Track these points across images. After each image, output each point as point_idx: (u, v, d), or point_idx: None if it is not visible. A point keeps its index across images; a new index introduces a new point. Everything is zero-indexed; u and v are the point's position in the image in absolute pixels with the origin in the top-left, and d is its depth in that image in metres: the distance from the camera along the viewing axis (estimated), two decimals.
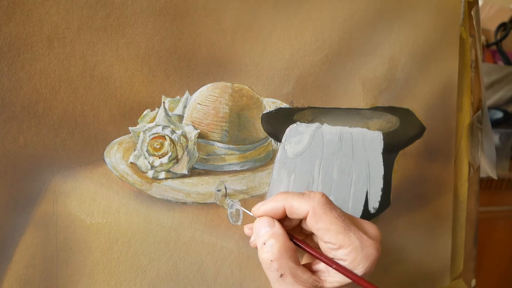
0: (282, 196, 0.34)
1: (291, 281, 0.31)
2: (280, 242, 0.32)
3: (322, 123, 0.43)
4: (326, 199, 0.33)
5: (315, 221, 0.32)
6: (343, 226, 0.31)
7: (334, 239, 0.31)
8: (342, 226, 0.31)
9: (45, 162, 0.34)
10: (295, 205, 0.33)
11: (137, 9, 0.36)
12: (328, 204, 0.32)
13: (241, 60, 0.40)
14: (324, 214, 0.32)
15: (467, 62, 0.52)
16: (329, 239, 0.32)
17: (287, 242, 0.33)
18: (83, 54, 0.35)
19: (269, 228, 0.33)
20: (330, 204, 0.33)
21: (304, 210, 0.32)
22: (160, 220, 0.38)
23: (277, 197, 0.34)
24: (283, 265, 0.31)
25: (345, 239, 0.31)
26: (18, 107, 0.33)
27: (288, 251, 0.32)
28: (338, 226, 0.31)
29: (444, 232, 0.51)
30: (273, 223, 0.34)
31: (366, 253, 0.31)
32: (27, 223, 0.34)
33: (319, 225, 0.32)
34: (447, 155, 0.51)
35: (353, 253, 0.31)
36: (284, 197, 0.34)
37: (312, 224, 0.32)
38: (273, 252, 0.32)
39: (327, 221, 0.32)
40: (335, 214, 0.32)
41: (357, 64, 0.45)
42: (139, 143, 0.37)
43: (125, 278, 0.37)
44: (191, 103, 0.39)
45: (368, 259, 0.31)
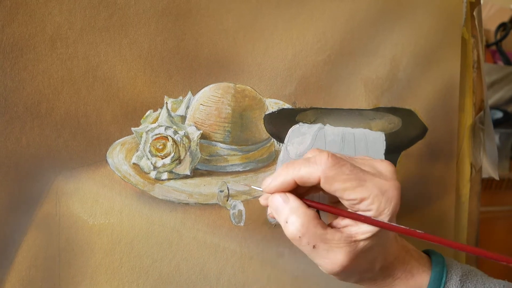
0: (289, 168, 0.33)
1: (324, 248, 0.31)
2: (300, 216, 0.32)
3: (324, 123, 0.43)
4: (332, 159, 0.31)
5: (329, 185, 0.31)
6: (357, 179, 0.31)
7: (353, 195, 0.31)
8: (357, 179, 0.31)
9: (47, 162, 0.34)
10: (305, 174, 0.32)
11: (139, 9, 0.36)
12: (336, 164, 0.31)
13: (244, 61, 0.40)
14: (336, 175, 0.31)
15: (469, 62, 0.52)
16: (349, 196, 0.31)
17: (308, 211, 0.32)
18: (86, 55, 0.34)
19: (285, 204, 0.33)
20: (339, 162, 0.31)
21: (315, 177, 0.31)
22: (163, 221, 0.38)
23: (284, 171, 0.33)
24: (312, 237, 0.31)
25: (364, 191, 0.31)
26: (21, 107, 0.33)
27: (311, 221, 0.32)
28: (353, 182, 0.31)
29: (446, 232, 0.51)
30: (287, 198, 0.33)
31: (388, 196, 0.31)
32: (29, 224, 0.34)
33: (334, 187, 0.31)
34: (449, 155, 0.51)
35: (376, 202, 0.31)
36: (291, 170, 0.33)
37: (328, 188, 0.32)
38: (298, 228, 0.31)
39: (341, 181, 0.31)
40: (346, 172, 0.31)
41: (359, 64, 0.45)
42: (142, 144, 0.37)
43: (127, 279, 0.37)
44: (193, 104, 0.39)
45: (391, 201, 0.31)
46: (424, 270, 0.35)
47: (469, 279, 0.35)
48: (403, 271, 0.35)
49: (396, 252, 0.35)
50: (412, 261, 0.35)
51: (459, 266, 0.36)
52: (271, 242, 0.41)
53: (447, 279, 0.34)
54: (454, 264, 0.36)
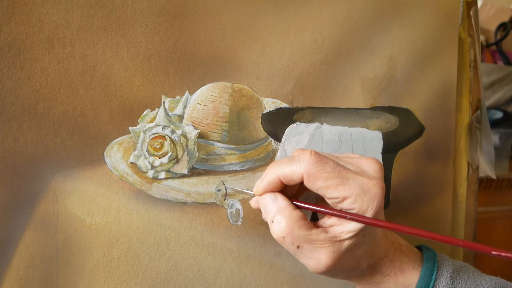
0: (273, 168, 0.33)
1: (309, 248, 0.31)
2: (286, 216, 0.32)
3: (321, 123, 0.43)
4: (315, 156, 0.32)
5: (311, 183, 0.32)
6: (339, 177, 0.31)
7: (335, 193, 0.31)
8: (339, 178, 0.31)
9: (45, 162, 0.34)
10: (288, 172, 0.32)
11: (137, 9, 0.36)
12: (319, 162, 0.32)
13: (241, 60, 0.40)
14: (318, 173, 0.31)
15: (466, 62, 0.52)
16: (331, 195, 0.31)
17: (293, 212, 0.32)
18: (83, 54, 0.35)
19: (273, 204, 0.33)
20: (321, 160, 0.32)
21: (298, 175, 0.32)
22: (160, 220, 0.38)
23: (269, 171, 0.34)
24: (295, 237, 0.31)
25: (346, 190, 0.31)
26: (18, 107, 0.33)
27: (296, 222, 0.32)
28: (335, 180, 0.31)
29: (443, 232, 0.51)
30: (276, 197, 0.33)
31: (370, 195, 0.31)
32: (27, 223, 0.34)
33: (316, 185, 0.31)
34: (446, 154, 0.51)
35: (359, 200, 0.31)
36: (275, 168, 0.33)
37: (310, 186, 0.32)
38: (282, 229, 0.32)
39: (323, 178, 0.31)
40: (328, 169, 0.31)
41: (357, 64, 0.45)
42: (139, 143, 0.37)
43: (125, 278, 0.37)
44: (191, 103, 0.39)
45: (374, 199, 0.31)
46: (414, 267, 0.35)
47: (460, 275, 0.35)
48: (392, 268, 0.35)
49: (385, 249, 0.35)
50: (403, 257, 0.35)
51: (450, 262, 0.36)
52: (268, 241, 0.41)
53: (438, 275, 0.34)
54: (445, 260, 0.36)
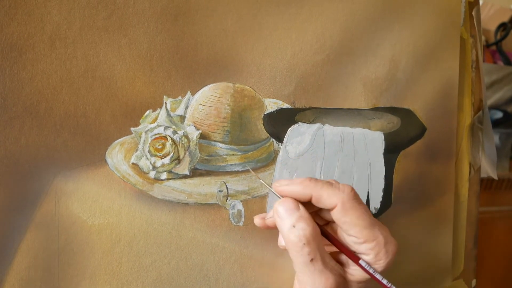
0: (312, 183, 0.33)
1: (320, 266, 0.31)
2: (311, 225, 0.32)
3: (323, 123, 0.43)
4: (355, 193, 0.32)
5: (342, 215, 0.32)
6: (369, 221, 0.32)
7: (360, 233, 0.31)
8: (369, 221, 0.32)
9: (46, 162, 0.34)
10: (324, 196, 0.32)
11: (139, 9, 0.36)
12: (356, 199, 0.32)
13: (243, 61, 0.40)
14: (353, 208, 0.32)
15: (468, 62, 0.52)
16: (355, 233, 0.32)
17: (316, 226, 0.32)
18: (85, 55, 0.34)
19: (296, 211, 0.32)
20: (358, 199, 0.32)
21: (333, 202, 0.32)
22: (162, 220, 0.38)
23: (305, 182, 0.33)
24: (314, 249, 0.31)
25: (370, 235, 0.31)
26: (20, 107, 0.33)
27: (318, 236, 0.32)
28: (365, 222, 0.31)
29: (445, 232, 0.51)
30: (298, 206, 0.33)
31: (388, 249, 0.32)
32: (29, 224, 0.34)
33: (346, 218, 0.32)
34: (448, 155, 0.51)
35: (377, 248, 0.31)
36: (313, 185, 0.33)
37: (339, 217, 0.32)
38: (306, 235, 0.31)
39: (355, 215, 0.31)
40: (362, 210, 0.32)
41: (358, 64, 0.45)
42: (141, 144, 0.37)
43: (127, 279, 0.37)
44: (193, 104, 0.39)
45: (389, 254, 0.32)
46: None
47: None
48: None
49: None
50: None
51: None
52: (270, 242, 0.41)
53: None
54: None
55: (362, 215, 0.32)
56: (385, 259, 0.32)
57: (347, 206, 0.32)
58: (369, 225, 0.32)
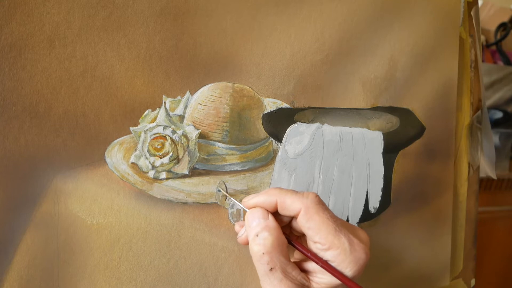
0: (276, 191, 0.33)
1: (280, 276, 0.31)
2: (273, 235, 0.32)
3: (322, 123, 0.43)
4: (319, 199, 0.33)
5: (306, 220, 0.32)
6: (334, 227, 0.31)
7: (324, 239, 0.31)
8: (333, 227, 0.31)
9: (46, 162, 0.34)
10: (288, 201, 0.32)
11: (138, 9, 0.36)
12: (321, 204, 0.32)
13: (242, 60, 0.40)
14: (316, 213, 0.32)
15: (466, 62, 0.52)
16: (319, 239, 0.31)
17: (280, 236, 0.32)
18: (84, 54, 0.35)
19: (263, 220, 0.33)
20: (323, 205, 0.32)
21: (297, 208, 0.32)
22: (161, 220, 0.38)
23: (270, 191, 0.34)
24: (274, 259, 0.31)
25: (335, 241, 0.31)
26: (19, 107, 0.33)
27: (280, 245, 0.32)
28: (329, 227, 0.31)
29: (444, 232, 0.51)
30: (267, 215, 0.33)
31: (355, 256, 0.31)
32: (28, 224, 0.34)
33: (310, 224, 0.32)
34: (446, 155, 0.51)
35: (342, 255, 0.31)
36: (278, 192, 0.33)
37: (303, 223, 0.32)
38: (266, 245, 0.31)
39: (319, 220, 0.31)
40: (327, 215, 0.32)
41: (357, 64, 0.45)
42: (140, 143, 0.37)
43: (126, 278, 0.37)
44: (192, 103, 0.39)
45: (356, 262, 0.31)
46: None
47: None
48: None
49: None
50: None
51: None
52: None
53: None
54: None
55: (327, 220, 0.31)
56: (352, 267, 0.31)
57: (311, 211, 0.32)
58: (334, 231, 0.31)
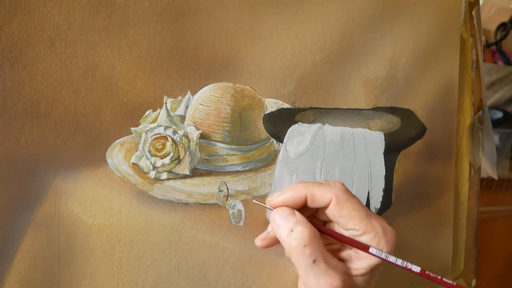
0: (302, 185, 0.33)
1: (324, 266, 0.31)
2: (307, 227, 0.32)
3: (323, 123, 0.43)
4: (345, 187, 0.33)
5: (338, 209, 0.32)
6: (365, 212, 0.32)
7: (358, 225, 0.32)
8: (364, 212, 0.32)
9: (46, 162, 0.34)
10: (317, 193, 0.32)
11: (139, 9, 0.36)
12: (348, 192, 0.33)
13: (243, 61, 0.40)
14: (347, 201, 0.32)
15: (468, 62, 0.52)
16: (353, 226, 0.32)
17: (313, 227, 0.32)
18: (85, 55, 0.34)
19: (292, 217, 0.32)
20: (350, 192, 0.33)
21: (327, 198, 0.32)
22: (162, 220, 0.38)
23: (296, 187, 0.33)
24: (315, 250, 0.31)
25: (368, 225, 0.32)
26: (20, 107, 0.33)
27: (317, 237, 0.32)
28: (361, 213, 0.32)
29: (445, 232, 0.51)
30: (294, 212, 0.33)
31: (388, 237, 0.32)
32: (29, 224, 0.34)
33: (342, 212, 0.32)
34: (448, 155, 0.51)
35: (377, 238, 0.32)
36: (304, 186, 0.33)
37: (335, 212, 0.32)
38: (304, 238, 0.31)
39: (351, 207, 0.32)
40: (357, 201, 0.32)
41: (358, 64, 0.45)
42: (141, 144, 0.37)
43: (127, 279, 0.37)
44: (193, 104, 0.39)
45: (389, 242, 0.32)
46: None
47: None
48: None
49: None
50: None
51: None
52: None
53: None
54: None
55: (357, 206, 0.32)
56: (386, 248, 0.32)
57: (342, 199, 0.32)
58: (366, 216, 0.32)
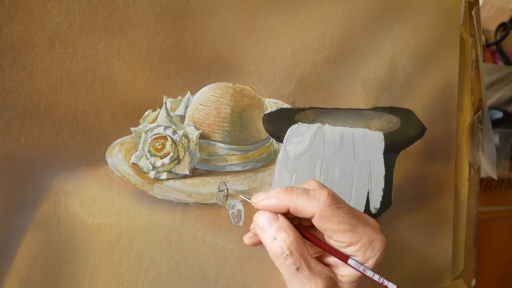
0: (286, 195, 0.32)
1: (307, 274, 0.31)
2: (291, 234, 0.32)
3: (323, 123, 0.43)
4: (332, 199, 0.32)
5: (322, 223, 0.31)
6: (350, 224, 0.31)
7: (343, 238, 0.31)
8: (350, 224, 0.31)
9: (46, 162, 0.34)
10: (300, 206, 0.32)
11: (138, 9, 0.36)
12: (334, 205, 0.31)
13: (243, 61, 0.40)
14: (331, 215, 0.31)
15: (467, 62, 0.52)
16: (338, 238, 0.31)
17: (296, 233, 0.32)
18: (85, 55, 0.34)
19: (274, 221, 0.32)
20: (337, 204, 0.32)
21: (310, 212, 0.31)
22: (162, 220, 0.38)
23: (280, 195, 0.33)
24: (298, 258, 0.31)
25: (354, 237, 0.31)
26: (19, 107, 0.33)
27: (300, 243, 0.32)
28: (345, 226, 0.31)
29: (444, 232, 0.51)
30: (277, 217, 0.33)
31: (374, 247, 0.31)
32: (29, 224, 0.34)
33: (326, 226, 0.31)
34: (447, 155, 0.51)
35: (363, 249, 0.31)
36: (288, 196, 0.32)
37: (319, 225, 0.32)
38: (287, 246, 0.31)
39: (335, 221, 0.31)
40: (342, 214, 0.31)
41: (358, 64, 0.45)
42: (141, 144, 0.37)
43: (126, 278, 0.37)
44: (192, 104, 0.39)
45: (376, 252, 0.31)
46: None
47: None
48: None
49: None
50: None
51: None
52: None
53: None
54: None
55: (342, 219, 0.31)
56: (373, 258, 0.31)
57: (325, 214, 0.31)
58: (351, 227, 0.31)
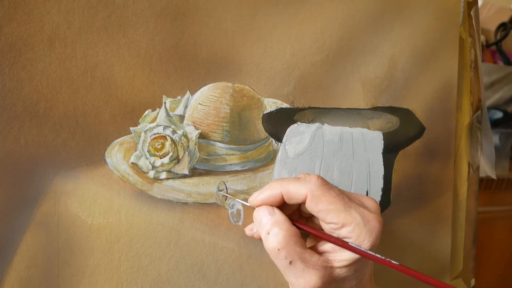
0: (278, 183, 0.33)
1: (301, 266, 0.31)
2: (284, 229, 0.32)
3: (322, 123, 0.43)
4: (322, 180, 0.32)
5: (314, 204, 0.32)
6: (343, 204, 0.31)
7: (336, 218, 0.31)
8: (342, 204, 0.31)
9: (46, 162, 0.34)
10: (292, 190, 0.32)
11: (138, 9, 0.36)
12: (325, 185, 0.32)
13: (242, 60, 0.40)
14: (323, 195, 0.32)
15: (466, 62, 0.52)
16: (331, 219, 0.31)
17: (291, 227, 0.32)
18: (84, 54, 0.35)
19: (270, 217, 0.33)
20: (327, 185, 0.32)
21: (302, 194, 0.32)
22: (161, 220, 0.38)
23: (272, 185, 0.34)
24: (291, 252, 0.31)
25: (347, 217, 0.31)
26: (19, 107, 0.33)
27: (293, 237, 0.32)
28: (338, 205, 0.31)
29: (443, 232, 0.51)
30: (273, 211, 0.33)
31: (369, 227, 0.31)
32: (28, 224, 0.34)
33: (319, 207, 0.32)
34: (446, 155, 0.51)
35: (357, 230, 0.31)
36: (279, 183, 0.33)
37: (312, 207, 0.32)
38: (279, 241, 0.31)
39: (327, 201, 0.31)
40: (333, 194, 0.32)
41: (357, 64, 0.45)
42: (140, 144, 0.37)
43: (126, 278, 0.37)
44: (192, 103, 0.39)
45: (372, 233, 0.31)
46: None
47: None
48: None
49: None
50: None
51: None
52: None
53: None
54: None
55: (334, 199, 0.32)
56: (368, 238, 0.31)
57: (317, 193, 0.32)
58: (343, 208, 0.31)
